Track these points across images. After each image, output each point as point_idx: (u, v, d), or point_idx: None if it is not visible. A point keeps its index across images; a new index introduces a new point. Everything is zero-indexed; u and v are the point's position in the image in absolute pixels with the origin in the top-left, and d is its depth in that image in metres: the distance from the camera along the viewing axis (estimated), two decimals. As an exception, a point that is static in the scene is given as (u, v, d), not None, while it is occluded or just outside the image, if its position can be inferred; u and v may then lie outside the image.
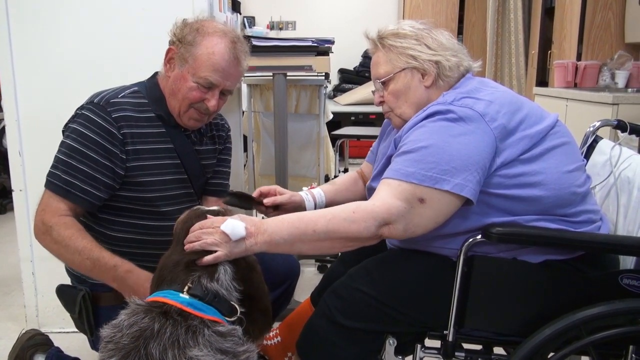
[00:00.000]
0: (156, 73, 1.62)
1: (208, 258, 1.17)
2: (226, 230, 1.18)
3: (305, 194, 1.63)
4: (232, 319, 1.15)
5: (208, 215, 1.25)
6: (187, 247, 1.20)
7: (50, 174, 1.47)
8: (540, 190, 1.27)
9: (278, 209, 1.59)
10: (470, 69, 1.43)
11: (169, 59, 1.54)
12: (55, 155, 1.48)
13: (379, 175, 1.45)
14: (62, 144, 1.48)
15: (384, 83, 1.43)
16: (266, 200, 1.58)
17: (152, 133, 1.54)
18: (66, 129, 1.51)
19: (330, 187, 1.69)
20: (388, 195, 1.22)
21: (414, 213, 1.21)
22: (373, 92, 1.51)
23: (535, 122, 1.30)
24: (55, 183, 1.45)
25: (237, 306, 1.16)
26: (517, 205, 1.28)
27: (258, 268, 1.27)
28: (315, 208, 1.62)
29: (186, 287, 1.14)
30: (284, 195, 1.60)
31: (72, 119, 1.51)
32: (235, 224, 1.18)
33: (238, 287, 1.20)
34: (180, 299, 1.11)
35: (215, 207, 1.34)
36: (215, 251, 1.18)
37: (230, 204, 1.53)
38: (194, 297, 1.12)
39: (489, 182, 1.25)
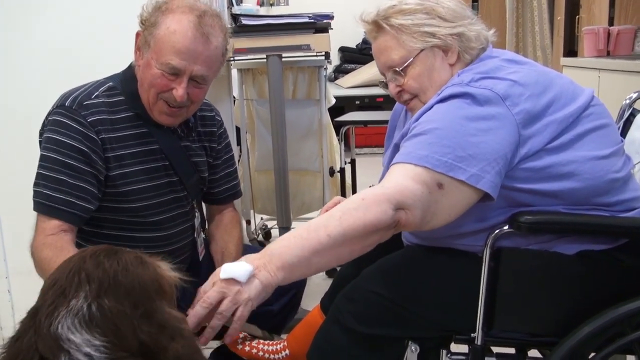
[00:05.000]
0: (132, 63, 1.57)
1: (234, 329, 1.14)
2: (229, 275, 1.12)
3: None
4: None
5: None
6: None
7: (33, 194, 1.44)
8: (573, 182, 1.25)
9: None
10: (488, 39, 1.41)
11: (137, 46, 1.50)
12: (36, 172, 1.45)
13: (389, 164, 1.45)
14: (40, 157, 1.46)
15: (402, 70, 1.38)
16: None
17: (133, 135, 1.51)
18: (41, 140, 1.49)
19: None
20: (401, 177, 1.20)
21: (431, 199, 1.19)
22: (382, 82, 1.48)
23: (566, 104, 1.28)
24: (38, 202, 1.43)
25: None
26: (545, 200, 1.27)
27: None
28: None
29: None
30: None
31: (44, 127, 1.49)
32: (232, 266, 1.14)
33: None
34: None
35: None
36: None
37: None
38: None
39: (512, 175, 1.24)
